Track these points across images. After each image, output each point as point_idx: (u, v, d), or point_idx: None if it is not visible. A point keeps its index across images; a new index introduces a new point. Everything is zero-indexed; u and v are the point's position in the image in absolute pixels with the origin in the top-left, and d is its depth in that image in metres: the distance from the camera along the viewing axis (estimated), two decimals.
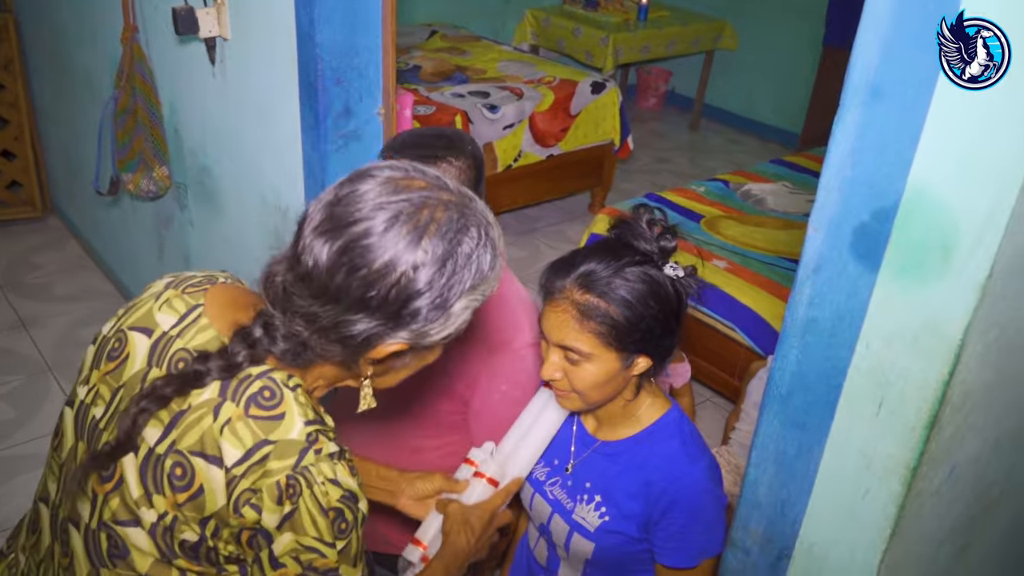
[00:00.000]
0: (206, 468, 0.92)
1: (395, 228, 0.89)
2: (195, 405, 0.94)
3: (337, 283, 0.90)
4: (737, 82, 5.92)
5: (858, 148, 0.95)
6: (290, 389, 0.96)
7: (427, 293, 0.91)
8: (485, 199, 1.48)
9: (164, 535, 0.95)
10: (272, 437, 0.93)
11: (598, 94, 4.25)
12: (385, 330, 0.93)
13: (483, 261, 0.94)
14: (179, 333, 1.01)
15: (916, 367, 0.98)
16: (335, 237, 0.90)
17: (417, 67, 4.34)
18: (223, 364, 0.94)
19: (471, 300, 0.96)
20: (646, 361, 1.26)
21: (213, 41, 2.15)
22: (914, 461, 1.02)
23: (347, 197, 0.91)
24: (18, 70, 3.66)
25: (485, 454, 1.40)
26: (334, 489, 0.94)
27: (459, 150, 1.43)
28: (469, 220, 0.93)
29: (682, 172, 5.27)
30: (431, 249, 0.90)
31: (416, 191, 0.92)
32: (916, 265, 0.95)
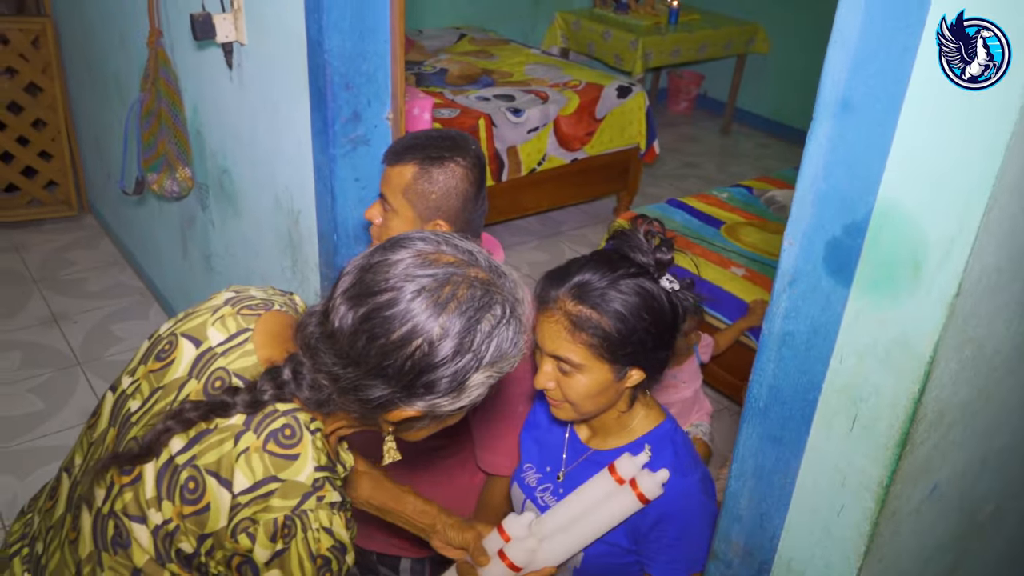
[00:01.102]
0: (216, 489, 0.96)
1: (417, 301, 0.92)
2: (221, 427, 0.98)
3: (358, 348, 0.93)
4: (769, 86, 5.86)
5: (830, 162, 0.95)
6: (310, 432, 0.99)
7: (442, 367, 0.93)
8: (487, 200, 1.50)
9: (164, 539, 0.98)
10: (282, 475, 0.96)
11: (624, 98, 4.24)
12: (400, 398, 0.96)
13: (504, 339, 0.96)
14: (224, 352, 1.04)
15: (888, 383, 0.97)
16: (360, 304, 0.93)
17: (444, 70, 4.37)
18: (249, 399, 0.98)
19: (488, 376, 0.97)
20: (639, 373, 1.26)
21: (230, 46, 2.19)
22: (887, 479, 1.00)
23: (378, 265, 0.95)
24: (56, 73, 3.75)
25: (521, 528, 1.32)
26: (326, 538, 0.97)
27: (464, 150, 1.44)
28: (494, 297, 0.95)
29: (710, 177, 5.23)
30: (450, 325, 0.92)
31: (444, 266, 0.94)
32: (887, 280, 0.94)
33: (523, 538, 1.31)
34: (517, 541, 1.30)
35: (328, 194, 1.96)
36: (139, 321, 3.44)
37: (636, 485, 1.25)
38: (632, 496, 1.26)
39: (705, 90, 6.30)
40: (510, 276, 1.00)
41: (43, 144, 3.88)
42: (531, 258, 4.14)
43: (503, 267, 1.00)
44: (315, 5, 1.78)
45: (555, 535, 1.30)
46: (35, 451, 2.76)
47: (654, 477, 1.25)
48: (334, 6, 1.76)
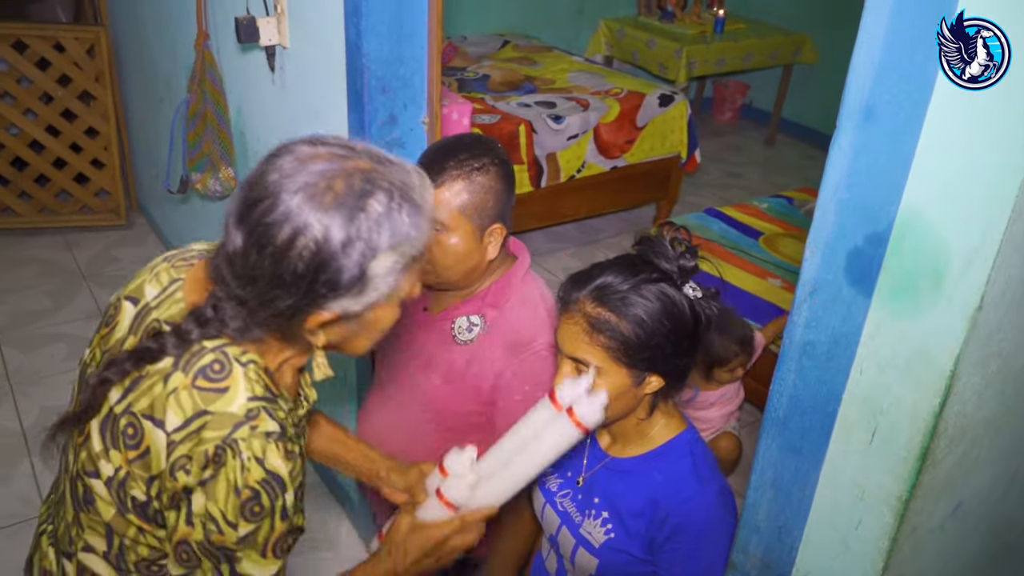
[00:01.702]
0: (152, 431, 0.98)
1: (295, 201, 0.91)
2: (151, 372, 1.00)
3: (251, 263, 0.94)
4: (816, 97, 5.78)
5: (853, 170, 0.94)
6: (241, 364, 1.00)
7: (334, 262, 0.93)
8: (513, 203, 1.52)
9: (119, 489, 1.02)
10: (212, 408, 0.97)
11: (666, 107, 4.22)
12: (307, 303, 0.96)
13: (397, 222, 0.95)
14: (157, 304, 1.07)
15: (908, 396, 0.95)
16: (245, 219, 0.94)
17: (486, 76, 4.39)
18: (175, 340, 0.99)
19: (394, 263, 0.97)
20: (658, 380, 1.25)
21: (273, 49, 2.23)
22: (906, 493, 0.99)
23: (257, 177, 0.95)
24: (108, 82, 3.83)
25: (462, 465, 1.24)
26: (257, 468, 0.97)
27: (496, 153, 1.46)
28: (376, 184, 0.94)
29: (752, 188, 5.17)
30: (330, 219, 0.91)
31: (321, 162, 0.94)
32: (908, 291, 0.92)
33: (462, 475, 1.23)
34: (456, 478, 1.23)
35: None
36: None
37: (573, 412, 1.19)
38: (569, 424, 1.18)
39: (750, 100, 6.24)
40: (398, 162, 0.99)
41: (95, 152, 3.96)
42: (567, 265, 4.14)
43: (391, 155, 0.99)
44: (355, 10, 1.81)
45: (496, 472, 1.23)
46: None
47: (592, 401, 1.18)
48: (373, 11, 1.79)
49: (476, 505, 1.23)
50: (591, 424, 1.20)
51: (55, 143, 3.86)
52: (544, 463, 1.22)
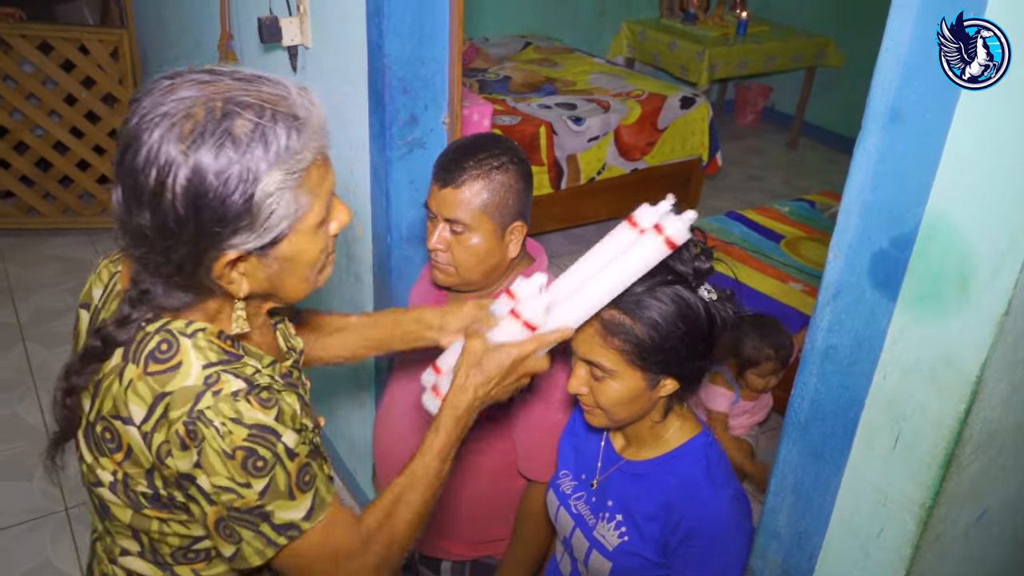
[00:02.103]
0: (125, 429, 0.96)
1: (154, 140, 0.85)
2: (106, 372, 0.97)
3: (134, 220, 0.88)
4: (840, 100, 5.73)
5: (878, 172, 0.93)
6: (188, 336, 0.96)
7: (212, 192, 0.86)
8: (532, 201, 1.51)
9: (124, 491, 1.00)
10: (168, 388, 0.93)
11: (687, 109, 4.20)
12: (203, 247, 0.90)
13: (273, 136, 0.88)
14: (103, 304, 1.05)
15: (933, 401, 0.94)
16: (119, 174, 0.89)
17: (507, 78, 4.39)
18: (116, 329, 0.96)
19: (282, 181, 0.89)
20: (673, 383, 1.24)
21: (295, 49, 2.24)
22: (930, 500, 0.97)
23: (121, 132, 0.90)
24: (131, 84, 3.86)
25: (532, 288, 1.18)
26: (238, 428, 0.92)
27: (514, 151, 1.46)
28: (240, 103, 0.87)
29: (774, 191, 5.14)
30: (192, 149, 0.85)
31: (179, 92, 0.87)
32: (933, 295, 0.91)
33: (535, 296, 1.17)
34: (529, 299, 1.17)
35: (383, 196, 2.00)
36: None
37: (662, 228, 1.12)
38: (659, 240, 1.12)
39: (772, 103, 6.20)
40: (272, 79, 0.92)
41: None
42: None
43: (265, 73, 0.92)
44: (377, 10, 1.81)
45: (571, 296, 1.17)
46: None
47: (681, 218, 1.13)
48: (395, 11, 1.80)
49: (551, 327, 1.18)
50: (679, 241, 1.13)
51: (79, 145, 3.90)
52: (626, 281, 1.15)
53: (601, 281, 1.15)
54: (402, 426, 1.74)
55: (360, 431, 2.48)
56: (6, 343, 3.30)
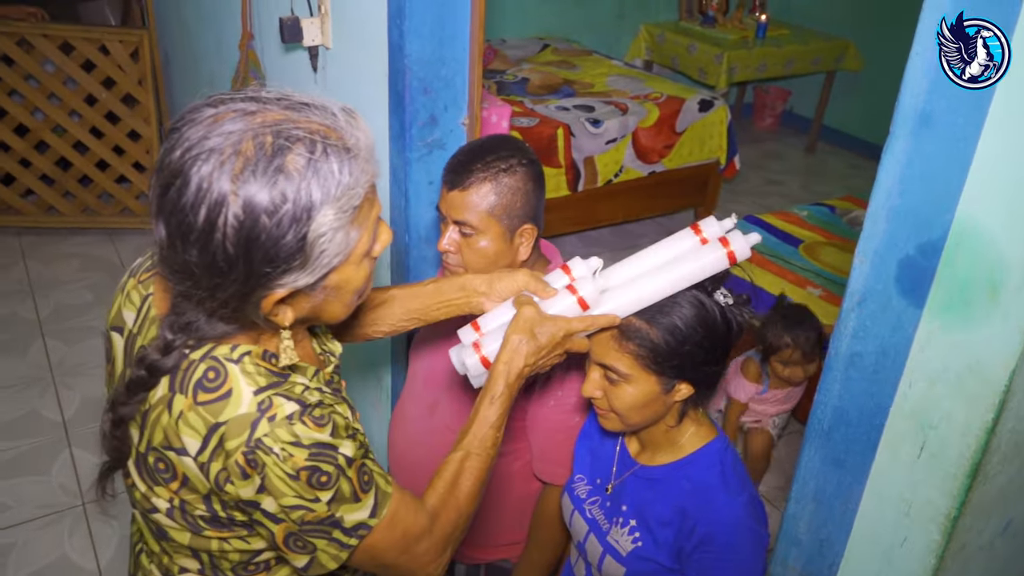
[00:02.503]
0: (179, 460, 0.94)
1: (203, 176, 0.82)
2: (154, 403, 0.95)
3: (182, 256, 0.85)
4: (860, 104, 5.69)
5: (906, 177, 0.92)
6: (234, 362, 0.94)
7: (266, 233, 0.83)
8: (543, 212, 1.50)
9: (182, 516, 0.99)
10: (222, 418, 0.91)
11: (705, 112, 4.18)
12: (252, 286, 0.87)
13: (328, 172, 0.85)
14: (139, 329, 1.01)
15: (959, 410, 0.93)
16: (162, 208, 0.85)
17: (525, 80, 4.39)
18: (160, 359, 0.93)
19: (336, 218, 0.87)
20: (688, 388, 1.23)
21: (316, 49, 2.25)
22: (955, 511, 0.96)
23: (163, 160, 0.86)
24: (150, 86, 3.89)
25: (587, 270, 1.21)
26: (298, 451, 0.91)
27: (524, 153, 1.44)
28: (291, 135, 0.84)
29: (793, 195, 5.10)
30: (244, 186, 0.82)
31: (223, 125, 0.84)
32: (962, 303, 0.90)
33: (591, 278, 1.19)
34: (587, 278, 1.19)
35: (402, 196, 2.00)
36: None
37: (728, 242, 1.14)
38: (723, 252, 1.15)
39: (791, 106, 6.17)
40: (317, 103, 0.88)
41: (137, 155, 4.02)
42: None
43: (308, 96, 0.89)
44: (398, 11, 1.81)
45: (624, 286, 1.18)
46: None
47: (747, 238, 1.15)
48: (416, 12, 1.79)
49: (601, 311, 1.18)
50: (741, 257, 1.15)
51: (98, 145, 3.93)
52: (681, 284, 1.17)
53: (657, 278, 1.16)
54: (417, 428, 1.73)
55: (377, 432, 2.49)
56: (26, 339, 3.33)
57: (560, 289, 1.21)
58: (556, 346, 1.16)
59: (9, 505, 2.55)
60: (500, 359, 1.15)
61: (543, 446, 1.57)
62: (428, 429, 1.70)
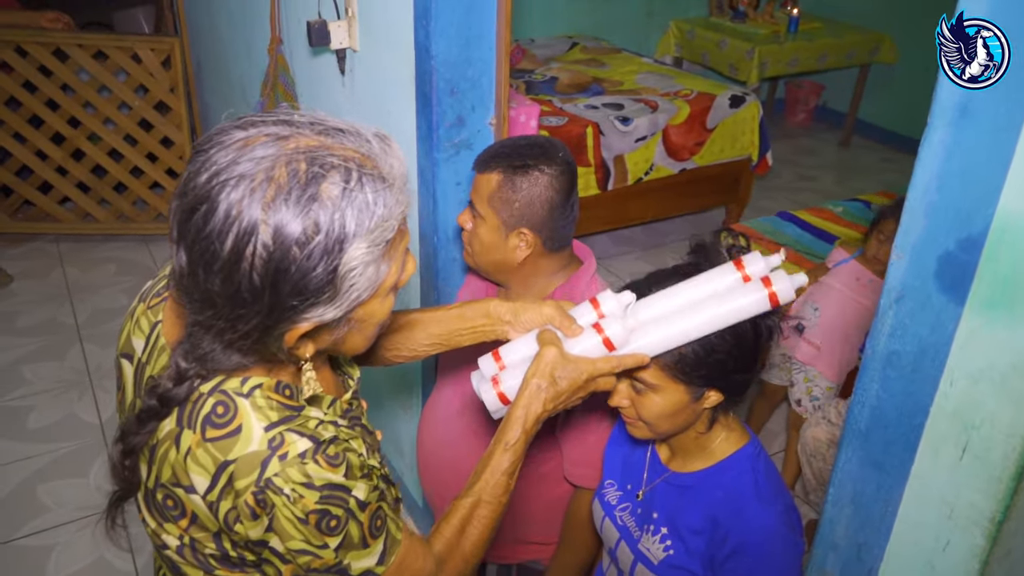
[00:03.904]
0: (187, 497, 0.91)
1: (232, 203, 0.78)
2: (161, 439, 0.92)
3: (203, 285, 0.81)
4: (895, 97, 5.59)
5: (945, 171, 0.89)
6: (244, 396, 0.90)
7: (295, 265, 0.79)
8: (577, 207, 1.49)
9: (193, 554, 0.96)
10: (231, 456, 0.88)
11: (737, 108, 4.13)
12: (276, 319, 0.83)
13: (363, 203, 0.81)
14: (147, 359, 0.98)
15: (1004, 410, 0.90)
16: (184, 234, 0.81)
17: (554, 79, 4.37)
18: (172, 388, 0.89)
19: (368, 251, 0.83)
20: (717, 395, 1.21)
21: (343, 52, 2.26)
22: (1000, 514, 0.93)
23: (187, 183, 0.81)
24: (182, 93, 3.93)
25: (617, 305, 1.14)
26: (309, 492, 0.88)
27: (550, 158, 1.43)
28: (325, 162, 0.80)
29: (827, 191, 5.03)
30: (276, 215, 0.78)
31: (256, 150, 0.80)
32: (1005, 299, 0.86)
33: (620, 316, 1.13)
34: (615, 317, 1.13)
35: (430, 197, 1.99)
36: None
37: (770, 283, 1.09)
38: (763, 293, 1.09)
39: (824, 101, 6.08)
40: (351, 129, 0.85)
41: (170, 162, 4.07)
42: (633, 269, 4.09)
43: (342, 121, 0.85)
44: (424, 12, 1.81)
45: (657, 324, 1.12)
46: None
47: (792, 279, 1.10)
48: (442, 13, 1.79)
49: (629, 350, 1.13)
50: (784, 300, 1.10)
51: (133, 152, 3.99)
52: (718, 325, 1.12)
53: (691, 317, 1.11)
54: (445, 430, 1.73)
55: (407, 434, 2.48)
56: (65, 343, 3.39)
57: (586, 327, 1.14)
58: (578, 389, 1.11)
59: (49, 507, 2.60)
60: (518, 403, 1.10)
61: (574, 449, 1.56)
62: (456, 431, 1.70)
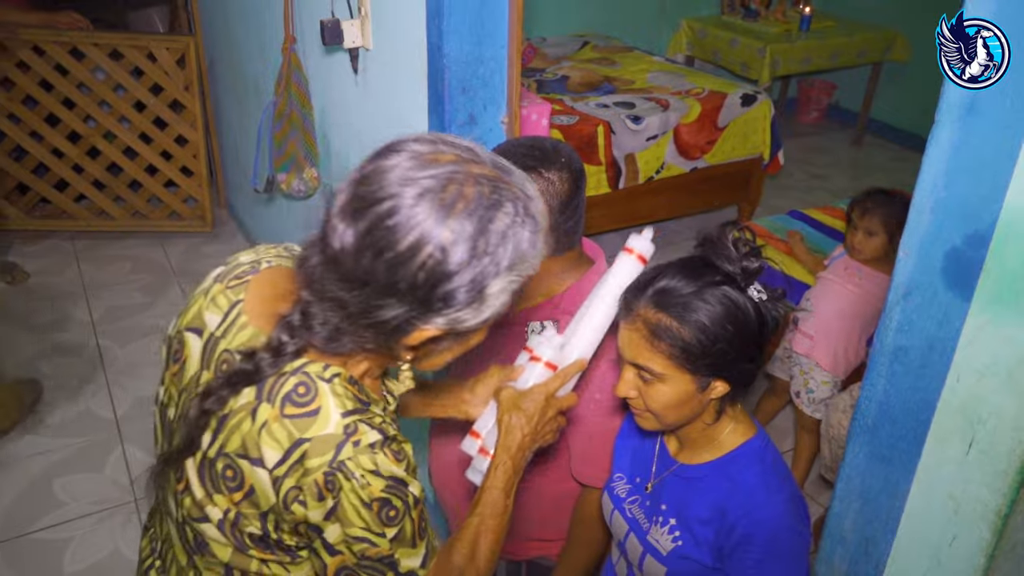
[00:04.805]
0: (252, 470, 0.94)
1: (421, 206, 0.84)
2: (235, 409, 0.95)
3: (364, 267, 0.86)
4: (908, 96, 5.56)
5: (952, 168, 0.90)
6: (326, 381, 0.95)
7: (458, 275, 0.86)
8: (583, 212, 1.49)
9: (232, 530, 0.98)
10: (308, 435, 0.92)
11: (748, 107, 4.13)
12: (417, 315, 0.90)
13: (520, 239, 0.89)
14: (223, 333, 1.01)
15: (1010, 405, 0.91)
16: (359, 217, 0.86)
17: (565, 77, 4.38)
18: (270, 357, 0.94)
19: (509, 282, 0.91)
20: (723, 385, 1.22)
21: (356, 51, 2.28)
22: (1006, 508, 0.94)
23: (372, 174, 0.88)
24: (197, 91, 3.96)
25: (544, 339, 1.29)
26: (376, 480, 0.92)
27: (551, 162, 1.42)
28: (503, 194, 0.88)
29: (839, 190, 5.01)
30: (460, 228, 0.85)
31: (444, 165, 0.87)
32: (1011, 295, 0.87)
33: (546, 342, 1.28)
34: (543, 342, 1.27)
35: None
36: None
37: (632, 248, 1.27)
38: (630, 258, 1.27)
39: (837, 99, 6.06)
40: (516, 171, 0.92)
41: (184, 160, 4.09)
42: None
43: (507, 162, 0.92)
44: (436, 11, 1.82)
45: (575, 333, 1.29)
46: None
47: (643, 235, 1.28)
48: (454, 12, 1.81)
49: (568, 363, 1.27)
50: (646, 253, 1.28)
51: (147, 150, 4.02)
52: (611, 299, 1.26)
53: (594, 307, 1.28)
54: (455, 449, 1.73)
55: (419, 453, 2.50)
56: (80, 340, 3.42)
57: (525, 363, 1.28)
58: (544, 410, 1.20)
59: (65, 501, 2.63)
60: (499, 444, 1.20)
61: (582, 449, 1.57)
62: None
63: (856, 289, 2.54)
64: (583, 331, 1.29)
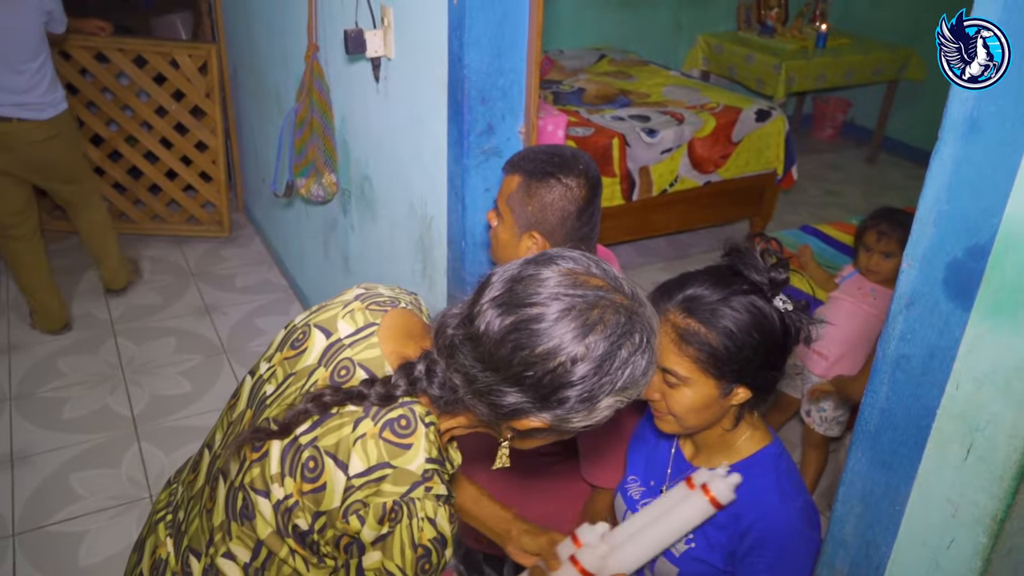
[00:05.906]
0: (333, 469, 1.01)
1: (565, 320, 0.94)
2: (342, 412, 1.03)
3: (501, 355, 0.96)
4: (922, 115, 5.59)
5: (954, 182, 0.93)
6: (424, 425, 1.03)
7: (579, 386, 0.95)
8: (599, 220, 1.53)
9: (284, 514, 1.04)
10: (395, 463, 1.00)
11: (763, 122, 4.17)
12: (532, 407, 0.98)
13: (638, 367, 0.97)
14: (351, 343, 1.11)
15: (1007, 413, 0.93)
16: (509, 313, 0.96)
17: (581, 90, 4.43)
18: (383, 393, 1.03)
19: (617, 400, 0.99)
20: (745, 392, 1.25)
21: (378, 60, 2.33)
22: (1002, 513, 0.96)
23: (528, 279, 0.98)
24: (217, 98, 4.03)
25: (594, 536, 1.32)
26: (429, 528, 1.00)
27: (570, 170, 1.47)
28: (635, 326, 0.97)
29: (852, 207, 5.04)
30: (593, 347, 0.94)
31: (592, 289, 0.97)
32: (1010, 305, 0.90)
33: (595, 545, 1.30)
34: (589, 548, 1.29)
35: (459, 202, 2.05)
36: (281, 317, 3.67)
37: (708, 489, 1.25)
38: (704, 500, 1.24)
39: (852, 117, 6.08)
40: (647, 303, 1.01)
41: (204, 165, 4.17)
42: (656, 279, 4.10)
43: (642, 295, 1.02)
44: (458, 23, 1.87)
45: (626, 542, 1.29)
46: (182, 429, 2.99)
47: (727, 480, 1.24)
48: (476, 24, 1.85)
49: (607, 574, 1.28)
50: (724, 501, 1.25)
51: (167, 155, 4.09)
52: (674, 534, 1.28)
53: (650, 533, 1.27)
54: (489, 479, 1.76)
55: None
56: (99, 338, 3.48)
57: (564, 562, 1.31)
58: None
59: (82, 495, 2.68)
60: None
61: (593, 452, 1.60)
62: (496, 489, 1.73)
63: (871, 309, 2.55)
64: (631, 549, 1.29)
